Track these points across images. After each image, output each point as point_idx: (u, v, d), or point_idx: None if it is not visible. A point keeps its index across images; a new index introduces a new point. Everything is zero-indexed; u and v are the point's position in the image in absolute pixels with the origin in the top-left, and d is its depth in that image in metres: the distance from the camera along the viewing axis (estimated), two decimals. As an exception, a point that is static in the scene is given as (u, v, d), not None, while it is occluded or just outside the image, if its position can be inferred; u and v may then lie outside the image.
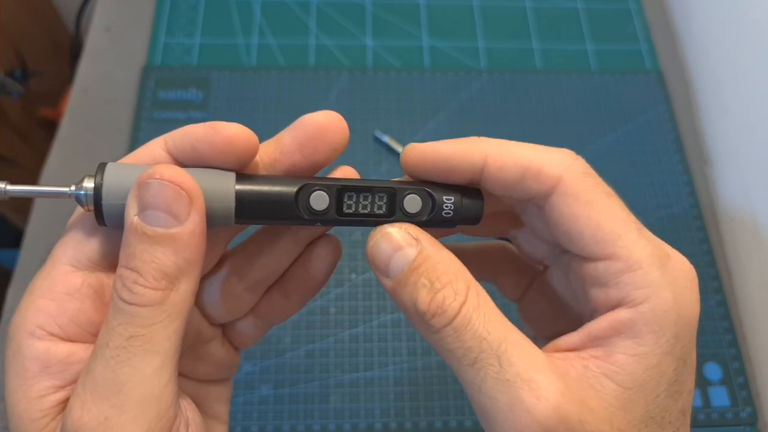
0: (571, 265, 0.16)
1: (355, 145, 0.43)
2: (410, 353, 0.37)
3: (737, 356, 0.38)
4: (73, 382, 0.14)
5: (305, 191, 0.16)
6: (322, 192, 0.16)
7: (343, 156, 0.18)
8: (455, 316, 0.14)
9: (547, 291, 0.20)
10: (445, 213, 0.17)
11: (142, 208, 0.14)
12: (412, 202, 0.17)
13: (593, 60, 0.49)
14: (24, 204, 0.67)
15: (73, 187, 0.15)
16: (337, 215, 0.17)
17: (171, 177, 0.14)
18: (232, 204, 0.16)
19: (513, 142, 0.16)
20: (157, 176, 0.14)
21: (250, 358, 0.36)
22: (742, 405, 0.37)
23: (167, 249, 0.14)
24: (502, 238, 0.21)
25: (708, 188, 0.45)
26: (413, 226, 0.16)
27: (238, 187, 0.16)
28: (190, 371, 0.18)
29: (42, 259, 0.41)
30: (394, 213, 0.17)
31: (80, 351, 0.15)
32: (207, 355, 0.19)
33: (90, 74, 0.45)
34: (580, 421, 0.14)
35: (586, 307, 0.16)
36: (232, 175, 0.16)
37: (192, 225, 0.14)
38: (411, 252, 0.15)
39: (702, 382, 0.38)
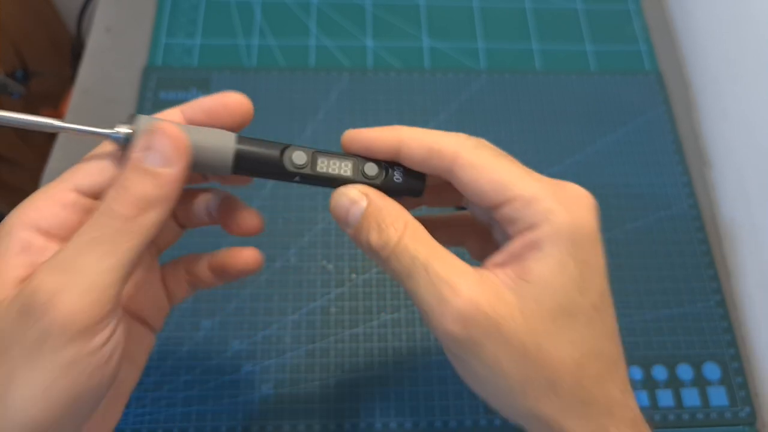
0: (494, 218, 0.21)
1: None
2: (410, 353, 0.37)
3: (736, 356, 0.39)
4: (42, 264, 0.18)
5: (289, 150, 0.21)
6: (302, 152, 0.21)
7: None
8: (396, 246, 0.19)
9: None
10: (395, 179, 0.22)
11: (144, 148, 0.18)
12: (371, 168, 0.22)
13: (592, 61, 0.49)
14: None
15: (116, 130, 0.20)
16: (311, 171, 0.21)
17: (170, 132, 0.18)
18: (230, 158, 0.20)
19: (423, 130, 0.21)
20: (161, 129, 0.18)
21: (250, 358, 0.36)
22: (741, 405, 0.37)
23: (152, 181, 0.18)
24: (460, 208, 0.25)
25: (707, 189, 0.45)
26: (365, 185, 0.21)
27: (238, 146, 0.20)
28: (126, 295, 0.22)
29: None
30: (357, 175, 0.21)
31: (55, 247, 0.18)
32: (146, 284, 0.23)
33: (91, 75, 0.45)
34: (492, 308, 0.18)
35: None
36: (233, 135, 0.21)
37: (176, 171, 0.18)
38: (363, 204, 0.20)
39: (701, 382, 0.38)
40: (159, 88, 0.45)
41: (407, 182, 0.22)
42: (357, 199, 0.20)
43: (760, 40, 0.42)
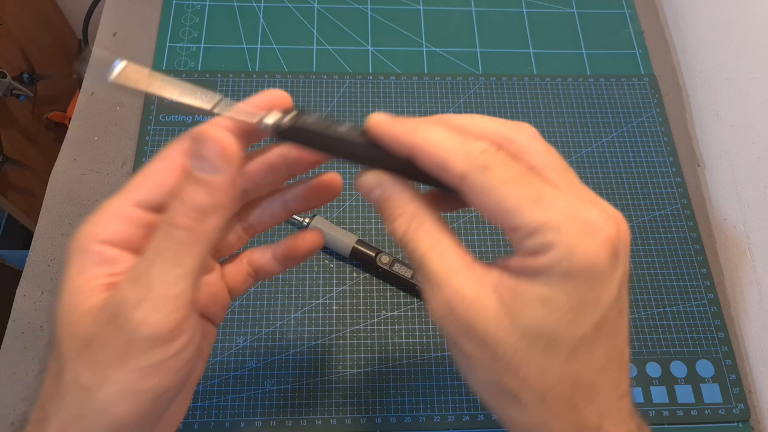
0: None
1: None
2: (410, 350, 0.38)
3: (729, 353, 0.39)
4: (121, 273, 0.19)
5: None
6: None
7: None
8: (401, 238, 0.20)
9: None
10: None
11: (194, 157, 0.18)
12: None
13: (588, 64, 0.50)
14: (33, 206, 0.67)
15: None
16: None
17: (216, 137, 0.18)
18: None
19: (439, 132, 0.19)
20: (208, 134, 0.18)
21: (254, 355, 0.37)
22: (735, 401, 0.38)
23: (204, 190, 0.18)
24: None
25: (700, 190, 0.45)
26: (380, 173, 0.21)
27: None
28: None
29: (50, 259, 0.42)
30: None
31: (127, 257, 0.19)
32: (207, 284, 0.24)
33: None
34: (465, 312, 0.18)
35: None
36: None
37: (226, 178, 0.18)
38: (376, 193, 0.21)
39: (695, 379, 0.38)
40: (164, 92, 0.45)
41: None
42: (373, 185, 0.21)
43: (752, 43, 0.43)
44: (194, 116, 0.45)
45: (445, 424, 0.36)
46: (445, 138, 0.19)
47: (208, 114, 0.20)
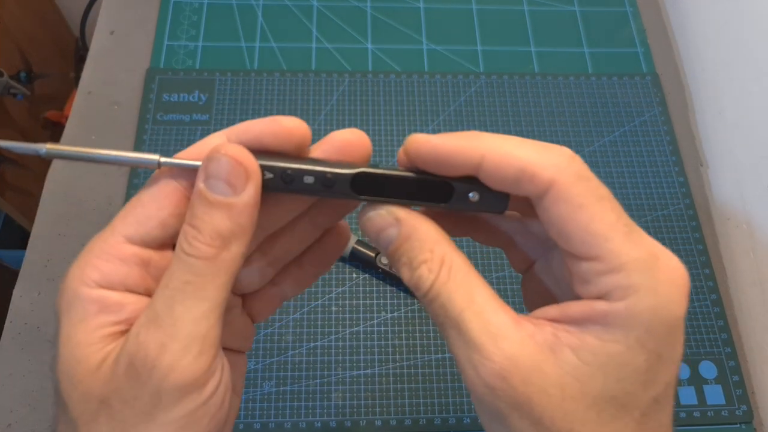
0: (561, 258, 0.18)
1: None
2: (410, 351, 0.38)
3: (732, 354, 0.39)
4: (127, 320, 0.17)
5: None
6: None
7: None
8: (428, 291, 0.17)
9: (536, 277, 0.21)
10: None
11: (207, 177, 0.16)
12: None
13: (590, 63, 0.49)
14: (30, 206, 0.67)
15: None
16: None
17: (233, 154, 0.16)
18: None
19: (511, 140, 0.17)
20: (222, 151, 0.16)
21: (252, 356, 0.37)
22: (738, 403, 0.37)
23: (224, 214, 0.16)
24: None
25: (703, 189, 0.45)
26: (397, 207, 0.18)
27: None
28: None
29: (47, 259, 0.42)
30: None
31: (130, 299, 0.17)
32: (228, 322, 0.21)
33: (94, 77, 0.46)
34: (523, 382, 0.15)
35: (570, 296, 0.18)
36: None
37: (247, 197, 0.16)
38: (392, 233, 0.17)
39: (697, 380, 0.38)
40: (162, 91, 0.45)
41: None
42: (385, 224, 0.17)
43: (755, 41, 0.42)
44: (192, 115, 0.44)
45: (445, 426, 0.36)
46: (520, 143, 0.17)
47: (154, 167, 0.17)
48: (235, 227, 0.16)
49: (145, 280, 0.17)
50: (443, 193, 0.18)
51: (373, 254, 0.39)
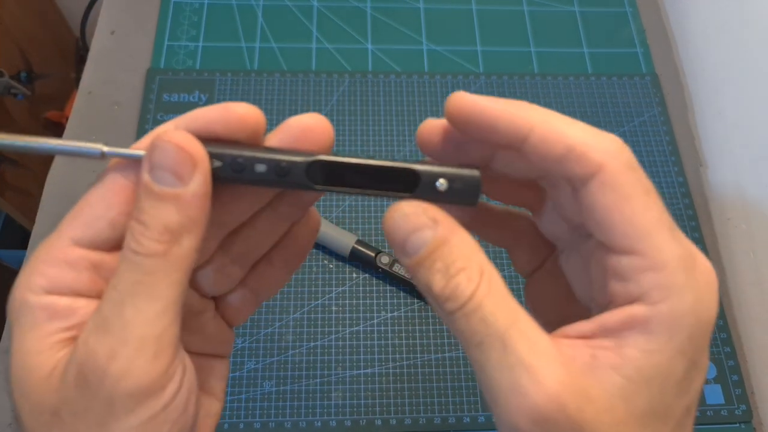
0: (594, 252, 0.16)
1: (356, 146, 0.44)
2: (410, 350, 0.38)
3: (732, 354, 0.39)
4: (79, 325, 0.16)
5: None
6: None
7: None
8: (467, 303, 0.15)
9: (556, 274, 0.20)
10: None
11: (152, 168, 0.15)
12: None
13: (590, 63, 0.50)
14: (30, 206, 0.67)
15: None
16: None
17: (178, 141, 0.15)
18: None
19: (560, 117, 0.16)
20: (166, 138, 0.15)
21: (253, 356, 0.37)
22: (737, 402, 0.38)
23: (171, 207, 0.15)
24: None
25: (702, 189, 0.45)
26: (432, 206, 0.16)
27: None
28: (184, 343, 0.19)
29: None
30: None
31: (81, 303, 0.16)
32: (200, 327, 0.20)
33: (95, 77, 0.46)
34: (578, 409, 0.14)
35: (599, 297, 0.16)
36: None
37: (195, 186, 0.15)
38: (428, 234, 0.15)
39: (697, 380, 0.38)
40: (162, 91, 0.45)
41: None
42: (421, 225, 0.15)
43: (755, 41, 0.42)
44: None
45: (445, 425, 0.36)
46: (572, 122, 0.15)
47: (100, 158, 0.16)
48: (184, 220, 0.15)
49: (96, 284, 0.16)
50: (408, 182, 0.16)
51: (373, 254, 0.39)
